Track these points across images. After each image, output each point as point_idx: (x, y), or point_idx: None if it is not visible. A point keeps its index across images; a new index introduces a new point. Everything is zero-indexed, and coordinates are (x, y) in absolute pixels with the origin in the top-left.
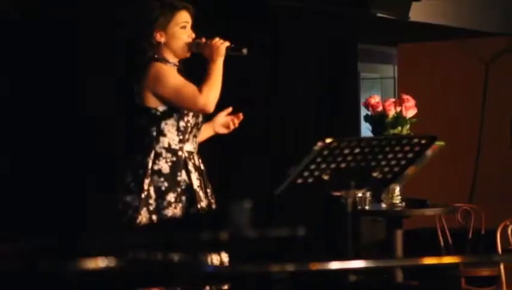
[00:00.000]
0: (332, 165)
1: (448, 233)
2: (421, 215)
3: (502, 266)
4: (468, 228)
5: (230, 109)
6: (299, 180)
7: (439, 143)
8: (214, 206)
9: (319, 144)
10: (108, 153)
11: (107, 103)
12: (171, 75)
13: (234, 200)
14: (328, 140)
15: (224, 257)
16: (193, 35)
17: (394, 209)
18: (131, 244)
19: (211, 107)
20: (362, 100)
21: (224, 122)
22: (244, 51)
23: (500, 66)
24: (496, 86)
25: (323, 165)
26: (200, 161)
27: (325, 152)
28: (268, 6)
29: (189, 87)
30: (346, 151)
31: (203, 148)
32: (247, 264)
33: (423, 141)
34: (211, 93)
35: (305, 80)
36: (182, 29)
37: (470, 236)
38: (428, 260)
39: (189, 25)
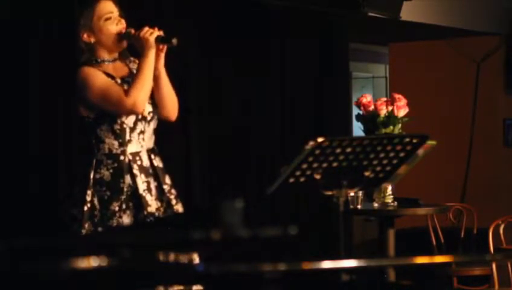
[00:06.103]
0: (324, 165)
1: (440, 232)
2: (413, 214)
3: (494, 265)
4: (460, 227)
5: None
6: (291, 180)
7: (430, 142)
8: (173, 202)
9: (311, 143)
10: (52, 164)
11: (49, 113)
12: (96, 79)
13: (226, 200)
14: (320, 139)
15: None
16: (123, 23)
17: (386, 208)
18: (114, 245)
19: (139, 108)
20: (354, 99)
21: None
22: (174, 41)
23: (492, 66)
24: (487, 85)
25: (315, 165)
26: (153, 156)
27: (317, 151)
28: (259, 6)
29: (115, 89)
30: (338, 150)
31: (196, 147)
32: (238, 264)
33: (415, 140)
34: (139, 93)
35: (296, 79)
36: (107, 21)
37: (462, 235)
38: (421, 260)
39: (115, 14)
